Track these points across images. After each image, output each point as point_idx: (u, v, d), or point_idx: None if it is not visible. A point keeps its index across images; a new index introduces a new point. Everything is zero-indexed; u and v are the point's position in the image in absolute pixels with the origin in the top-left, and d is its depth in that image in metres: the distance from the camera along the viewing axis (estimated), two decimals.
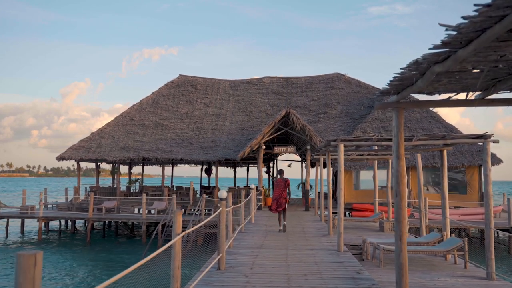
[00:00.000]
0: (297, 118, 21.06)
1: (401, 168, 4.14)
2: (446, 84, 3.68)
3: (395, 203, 4.13)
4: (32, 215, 21.47)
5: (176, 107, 28.29)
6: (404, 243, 4.07)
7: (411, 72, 3.23)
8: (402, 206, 4.07)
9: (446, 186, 11.04)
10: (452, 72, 3.26)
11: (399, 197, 4.10)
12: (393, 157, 4.15)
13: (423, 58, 2.90)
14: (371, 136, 8.69)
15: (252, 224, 14.00)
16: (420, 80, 3.37)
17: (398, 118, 4.17)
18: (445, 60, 2.84)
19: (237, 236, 10.78)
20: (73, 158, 24.05)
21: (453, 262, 9.76)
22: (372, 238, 10.91)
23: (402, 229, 4.08)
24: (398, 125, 4.17)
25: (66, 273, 14.13)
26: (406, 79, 3.46)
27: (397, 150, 4.13)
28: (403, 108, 4.14)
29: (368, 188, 22.48)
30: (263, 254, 8.45)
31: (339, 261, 7.73)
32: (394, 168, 4.17)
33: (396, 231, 4.12)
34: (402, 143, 4.17)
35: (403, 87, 3.69)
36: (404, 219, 4.10)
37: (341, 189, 8.95)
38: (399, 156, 4.14)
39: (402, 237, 4.06)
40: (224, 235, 6.96)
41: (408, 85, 3.65)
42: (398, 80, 3.50)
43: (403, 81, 3.52)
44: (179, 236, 4.51)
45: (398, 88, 3.77)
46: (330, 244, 9.83)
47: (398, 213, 4.10)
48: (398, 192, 4.09)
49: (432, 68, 3.03)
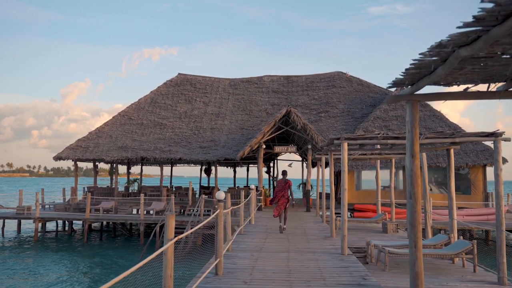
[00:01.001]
0: (298, 116, 20.66)
1: (416, 168, 3.74)
2: (468, 73, 3.29)
3: (409, 206, 3.73)
4: (28, 215, 21.08)
5: (175, 106, 27.88)
6: (419, 250, 3.68)
7: (431, 57, 2.83)
8: (417, 210, 3.68)
9: (453, 187, 10.66)
10: (478, 58, 2.87)
11: (413, 199, 3.70)
12: (407, 155, 3.76)
13: (448, 39, 2.51)
14: (376, 134, 8.29)
15: (252, 225, 13.60)
16: (441, 67, 2.97)
17: (412, 112, 3.78)
18: (475, 42, 2.45)
19: (236, 238, 10.38)
20: (70, 158, 23.65)
21: (461, 266, 9.37)
22: (376, 241, 10.52)
23: (417, 234, 3.68)
24: (412, 120, 3.77)
25: (61, 275, 13.74)
26: (424, 66, 3.06)
27: (411, 147, 3.73)
28: (418, 101, 3.74)
29: (370, 188, 22.10)
30: (263, 258, 8.06)
31: (344, 266, 7.33)
32: (408, 167, 3.78)
33: (410, 237, 3.73)
34: (417, 140, 3.78)
35: (420, 76, 3.30)
36: (419, 223, 3.70)
37: (345, 190, 8.55)
38: (414, 154, 3.74)
39: (417, 243, 3.67)
40: (222, 239, 6.56)
41: (426, 74, 3.26)
42: (415, 68, 3.11)
43: (421, 69, 3.13)
44: (171, 242, 4.12)
45: (414, 78, 3.38)
46: (333, 247, 9.43)
47: (412, 217, 3.70)
48: (413, 194, 3.69)
49: (457, 52, 2.64)
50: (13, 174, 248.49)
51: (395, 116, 23.51)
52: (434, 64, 2.97)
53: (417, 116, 3.74)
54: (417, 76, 3.33)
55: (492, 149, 21.49)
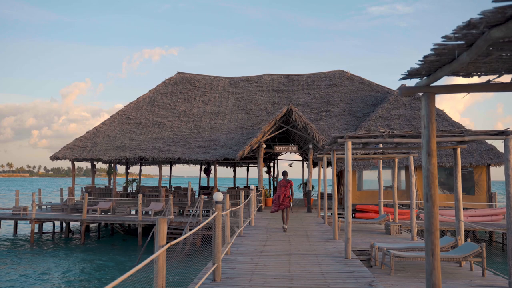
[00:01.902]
0: (298, 115, 20.28)
1: (433, 167, 3.38)
2: (493, 62, 2.93)
3: (426, 209, 3.37)
4: (24, 216, 20.72)
5: (173, 105, 27.50)
6: (437, 259, 3.31)
7: (457, 41, 2.47)
8: (434, 214, 3.31)
9: (460, 187, 10.31)
10: (509, 42, 2.50)
11: (430, 202, 3.34)
12: (423, 154, 3.40)
13: (480, 17, 2.14)
14: (382, 133, 7.93)
15: (252, 227, 13.24)
16: (466, 53, 2.61)
17: (428, 105, 3.41)
18: (510, 20, 2.09)
19: (235, 240, 10.02)
20: (68, 157, 23.28)
21: (469, 269, 9.01)
22: (380, 243, 10.17)
23: (434, 241, 3.32)
24: (429, 114, 3.40)
25: (56, 277, 13.38)
26: (447, 53, 2.70)
27: (428, 145, 3.37)
28: (435, 93, 3.37)
29: (371, 188, 21.75)
30: (264, 262, 7.69)
31: (348, 271, 6.96)
32: (424, 167, 3.41)
33: (426, 244, 3.36)
34: (434, 137, 3.41)
35: (440, 64, 2.93)
36: (437, 229, 3.34)
37: (349, 190, 8.18)
38: (430, 152, 3.37)
39: (434, 251, 3.30)
40: (219, 243, 6.20)
41: (447, 61, 2.89)
42: (435, 55, 2.74)
43: (442, 56, 2.76)
44: (163, 249, 3.75)
45: (432, 67, 3.01)
46: (337, 250, 9.06)
47: (429, 222, 3.34)
48: (430, 196, 3.33)
49: (487, 34, 2.28)
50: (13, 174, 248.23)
51: (397, 115, 23.14)
52: (459, 49, 2.61)
53: (434, 110, 3.38)
54: (436, 64, 2.97)
55: (496, 149, 21.21)
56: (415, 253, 8.97)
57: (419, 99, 23.98)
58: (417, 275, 8.42)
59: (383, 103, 24.59)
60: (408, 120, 22.74)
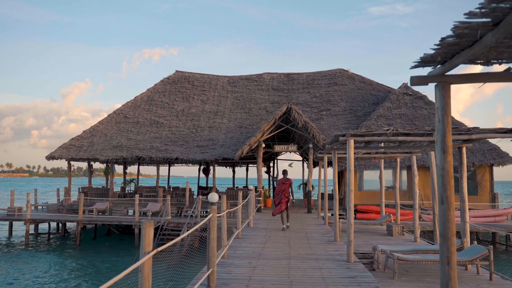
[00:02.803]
0: (299, 114, 19.91)
1: (449, 166, 3.02)
2: None
3: (440, 212, 3.02)
4: (19, 217, 20.36)
5: (172, 104, 27.13)
6: (453, 269, 2.96)
7: (482, 17, 2.12)
8: (450, 217, 2.96)
9: (465, 188, 9.96)
10: None
11: (446, 204, 2.98)
12: (437, 151, 3.05)
13: None
14: (386, 130, 7.58)
15: (251, 228, 12.88)
16: (491, 33, 2.26)
17: (444, 97, 3.05)
18: None
19: (233, 243, 9.66)
20: (64, 157, 22.91)
21: (475, 273, 8.65)
22: (383, 245, 9.82)
23: (450, 248, 2.96)
24: (444, 107, 3.05)
25: (51, 278, 13.03)
26: (468, 34, 2.35)
27: (443, 140, 3.01)
28: (450, 83, 3.02)
29: (372, 189, 21.41)
30: (262, 265, 7.34)
31: (351, 276, 6.61)
32: (439, 165, 3.06)
33: (442, 252, 3.01)
34: (449, 131, 3.06)
35: (459, 48, 2.58)
36: (453, 235, 2.99)
37: (351, 191, 7.83)
38: (446, 149, 3.02)
39: (451, 259, 2.95)
40: (214, 246, 5.84)
41: (467, 45, 2.54)
42: (455, 36, 2.39)
43: (462, 37, 2.41)
44: (148, 256, 3.40)
45: (450, 52, 2.66)
46: (338, 253, 8.71)
47: (444, 227, 2.98)
48: (445, 198, 2.98)
49: None
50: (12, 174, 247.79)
51: (398, 114, 22.79)
52: (483, 28, 2.26)
53: (450, 102, 3.02)
54: (454, 49, 2.61)
55: (499, 149, 20.85)
56: (420, 256, 8.62)
57: (421, 98, 23.63)
58: (422, 279, 8.07)
59: (384, 102, 24.24)
60: (410, 119, 22.39)
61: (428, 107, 23.07)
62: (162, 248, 3.71)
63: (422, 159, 19.97)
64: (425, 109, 22.93)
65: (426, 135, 7.67)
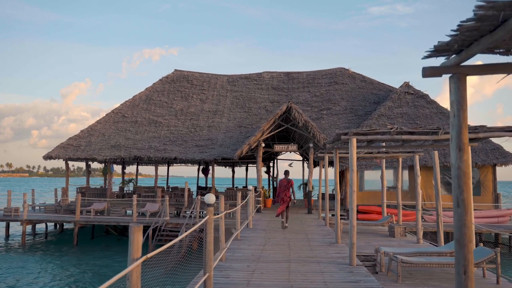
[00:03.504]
0: (299, 113, 19.63)
1: (465, 165, 2.75)
2: None
3: (456, 216, 2.75)
4: (16, 217, 20.08)
5: (170, 103, 26.85)
6: (471, 278, 2.68)
7: None
8: (467, 222, 2.69)
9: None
10: None
11: (462, 208, 2.71)
12: (452, 148, 2.78)
13: None
14: (389, 129, 7.31)
15: (250, 229, 12.61)
16: None
17: (459, 89, 2.77)
18: None
19: (231, 245, 9.38)
20: (61, 157, 22.63)
21: (482, 276, 8.37)
22: (386, 247, 9.54)
23: (468, 256, 2.69)
24: (459, 100, 2.77)
25: (46, 280, 12.76)
26: (491, 17, 2.08)
27: (459, 137, 2.74)
28: (467, 74, 2.75)
29: (373, 189, 21.14)
30: (261, 269, 7.06)
31: (354, 280, 6.33)
32: (454, 165, 2.79)
33: (458, 260, 2.74)
34: (466, 127, 2.79)
35: (478, 34, 2.31)
36: (470, 241, 2.71)
37: (354, 191, 7.55)
38: (462, 146, 2.75)
39: (467, 268, 2.68)
40: (211, 250, 5.57)
41: (488, 30, 2.27)
42: (476, 20, 2.11)
43: (484, 21, 2.14)
44: (137, 263, 3.13)
45: (468, 38, 2.39)
46: (340, 255, 8.43)
47: (461, 232, 2.71)
48: (462, 201, 2.71)
49: None
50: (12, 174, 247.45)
51: (400, 113, 22.51)
52: (508, 9, 1.99)
53: (466, 95, 2.76)
54: (474, 35, 2.34)
55: (502, 148, 20.57)
56: (424, 259, 8.35)
57: (422, 97, 23.36)
58: (426, 283, 7.80)
59: (386, 101, 23.97)
60: (412, 118, 22.11)
61: (430, 106, 22.80)
62: (152, 254, 3.44)
63: (424, 159, 19.71)
64: (427, 108, 22.66)
65: (431, 134, 7.40)
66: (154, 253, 3.47)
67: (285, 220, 12.85)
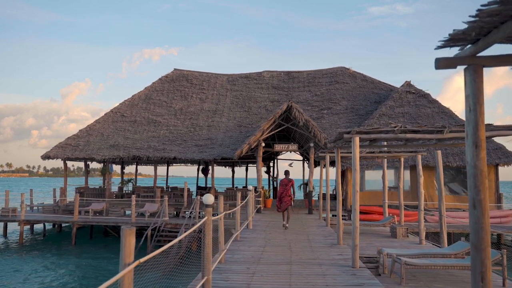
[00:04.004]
0: (299, 112, 19.42)
1: (482, 163, 2.55)
2: None
3: (472, 219, 2.55)
4: (13, 218, 19.88)
5: (170, 102, 26.63)
6: (488, 286, 2.49)
7: None
8: (485, 226, 2.49)
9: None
10: None
11: (479, 210, 2.51)
12: (468, 145, 2.58)
13: None
14: (393, 127, 7.11)
15: (250, 230, 12.40)
16: None
17: (475, 82, 2.57)
18: None
19: (231, 246, 9.18)
20: (59, 157, 22.42)
21: None
22: (388, 249, 9.34)
23: (486, 262, 2.49)
24: (476, 94, 2.57)
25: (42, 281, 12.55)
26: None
27: (475, 134, 2.54)
28: (483, 65, 2.55)
29: (374, 189, 20.94)
30: (261, 271, 6.86)
31: (357, 284, 6.13)
32: (470, 163, 2.60)
33: (474, 266, 2.54)
34: (483, 122, 2.59)
35: (500, 20, 2.11)
36: (488, 245, 2.51)
37: (357, 192, 7.35)
38: (478, 143, 2.55)
39: (485, 274, 2.48)
40: (210, 252, 5.37)
41: (509, 16, 2.07)
42: (500, 3, 1.91)
43: (507, 4, 1.94)
44: (129, 268, 2.93)
45: (487, 26, 2.19)
46: (342, 257, 8.23)
47: (477, 236, 2.51)
48: (478, 202, 2.51)
49: None
50: (12, 174, 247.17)
51: (401, 113, 22.31)
52: None
53: (482, 88, 2.55)
54: (494, 21, 2.14)
55: (504, 148, 20.36)
56: (428, 261, 8.15)
57: (424, 96, 23.15)
58: (430, 285, 7.60)
59: (387, 100, 23.76)
60: (413, 118, 21.91)
61: (431, 106, 22.60)
62: (146, 258, 3.23)
63: (425, 159, 19.52)
64: (429, 108, 22.46)
65: (436, 132, 7.20)
66: (148, 257, 3.26)
67: (286, 221, 12.91)
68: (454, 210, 19.59)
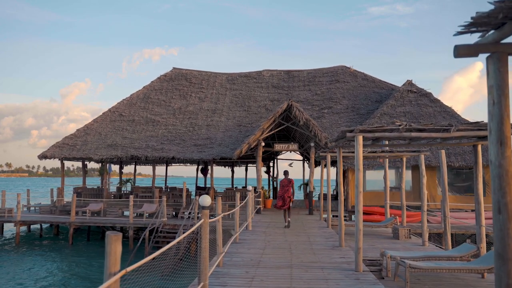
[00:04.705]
0: (300, 111, 19.14)
1: (507, 162, 2.29)
2: None
3: (497, 225, 2.28)
4: (9, 218, 19.61)
5: (168, 102, 26.35)
6: None
7: None
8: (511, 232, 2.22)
9: (481, 189, 9.27)
10: None
11: (505, 214, 2.25)
12: (492, 143, 2.32)
13: None
14: (398, 126, 6.84)
15: (249, 231, 12.13)
16: None
17: (500, 71, 2.30)
18: None
19: (230, 248, 8.90)
20: (56, 156, 22.14)
21: (493, 281, 7.88)
22: (391, 250, 9.07)
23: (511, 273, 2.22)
24: (500, 85, 2.31)
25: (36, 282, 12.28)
26: None
27: (500, 129, 2.27)
28: (508, 53, 2.28)
29: (375, 189, 20.67)
30: (261, 276, 6.59)
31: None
32: (494, 162, 2.33)
33: (498, 276, 2.27)
34: (508, 116, 2.32)
35: None
36: None
37: (360, 193, 7.08)
38: (503, 140, 2.28)
39: (509, 283, 2.20)
40: (206, 257, 5.10)
41: None
42: None
43: None
44: (115, 278, 2.65)
45: None
46: (344, 260, 7.95)
47: (502, 244, 2.24)
48: (503, 206, 2.24)
49: None
50: (12, 174, 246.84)
51: (403, 112, 22.04)
52: None
53: (507, 78, 2.29)
54: None
55: None
56: (434, 264, 7.88)
57: (426, 95, 22.88)
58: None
59: (388, 99, 23.49)
60: (415, 117, 21.63)
61: (433, 105, 22.32)
62: (133, 267, 2.96)
63: (427, 159, 19.26)
64: (431, 107, 22.18)
65: (443, 131, 6.94)
66: (135, 266, 2.99)
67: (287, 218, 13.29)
68: (456, 210, 19.33)
